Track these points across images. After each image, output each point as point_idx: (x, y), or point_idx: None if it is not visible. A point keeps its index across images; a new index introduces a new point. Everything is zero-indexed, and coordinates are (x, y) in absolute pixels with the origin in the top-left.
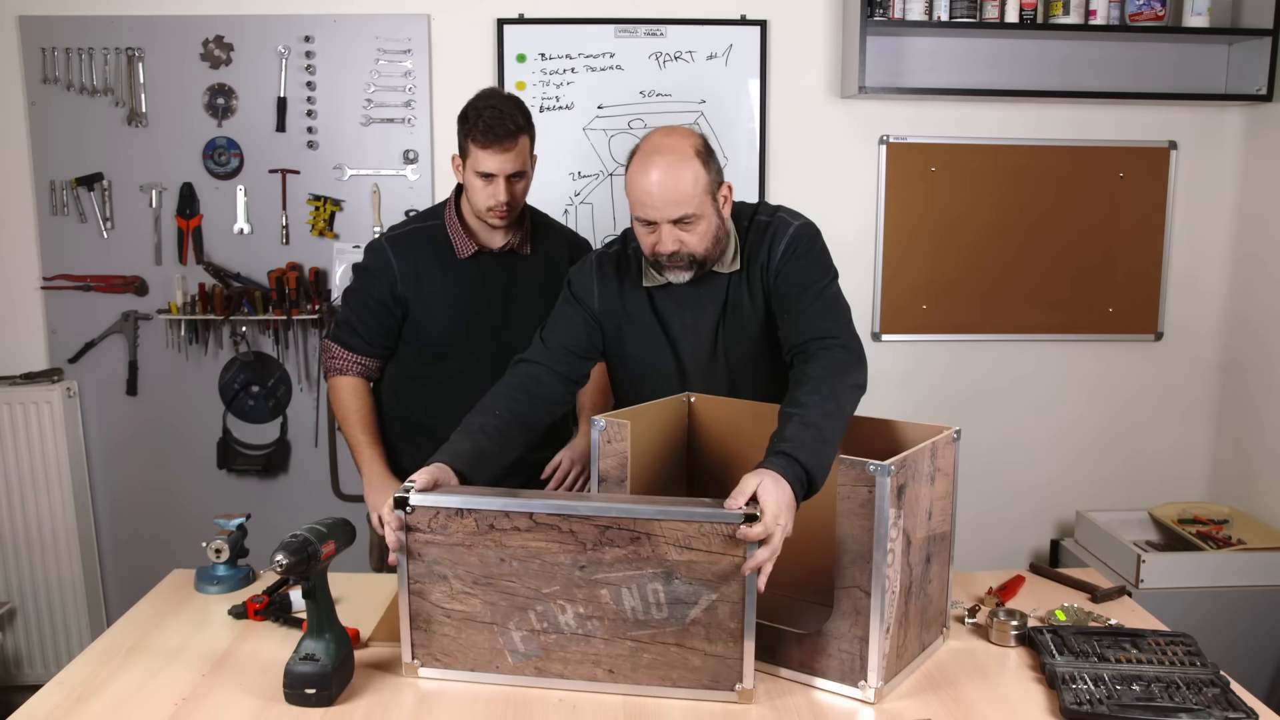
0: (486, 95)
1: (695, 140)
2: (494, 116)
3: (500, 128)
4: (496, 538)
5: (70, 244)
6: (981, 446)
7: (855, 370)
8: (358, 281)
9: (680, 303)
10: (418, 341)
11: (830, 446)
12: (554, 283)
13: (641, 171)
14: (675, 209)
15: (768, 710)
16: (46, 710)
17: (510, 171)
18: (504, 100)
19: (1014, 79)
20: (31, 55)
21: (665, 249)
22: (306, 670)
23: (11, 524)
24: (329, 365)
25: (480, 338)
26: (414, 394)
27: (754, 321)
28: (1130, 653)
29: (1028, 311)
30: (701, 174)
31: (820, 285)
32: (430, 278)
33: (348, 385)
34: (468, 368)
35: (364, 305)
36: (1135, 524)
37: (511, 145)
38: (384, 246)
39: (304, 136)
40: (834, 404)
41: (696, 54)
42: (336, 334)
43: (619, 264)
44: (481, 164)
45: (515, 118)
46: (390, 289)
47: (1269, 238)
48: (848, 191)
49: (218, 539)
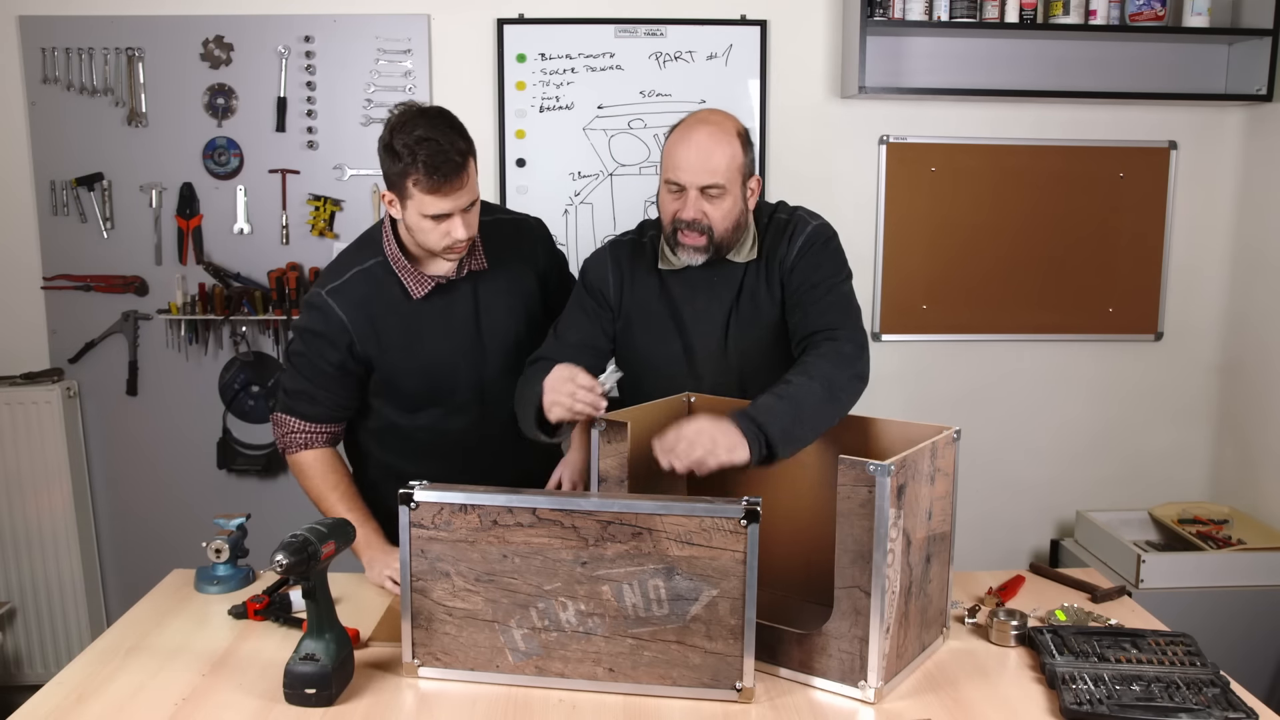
0: (412, 121)
1: (739, 125)
2: (434, 152)
3: (446, 164)
4: (499, 534)
5: (70, 244)
6: (981, 446)
7: (856, 361)
8: (305, 345)
9: (693, 289)
10: (389, 397)
11: (803, 423)
12: (520, 288)
13: (683, 136)
14: (707, 176)
15: (767, 710)
16: (46, 710)
17: (465, 205)
18: (436, 125)
19: (1014, 79)
20: (31, 55)
21: (687, 215)
22: (306, 670)
23: (11, 524)
24: (287, 442)
25: (458, 382)
26: (398, 443)
27: (768, 314)
28: (1130, 653)
29: (1028, 311)
30: (739, 153)
31: (832, 281)
32: (388, 329)
33: (315, 461)
34: (450, 414)
35: (318, 372)
36: (1135, 524)
37: (462, 181)
38: (328, 303)
39: (304, 136)
40: (818, 385)
41: (696, 54)
42: (290, 405)
43: (633, 250)
44: (431, 207)
45: (457, 145)
46: (349, 351)
47: (1269, 238)
48: (848, 191)
49: (218, 539)
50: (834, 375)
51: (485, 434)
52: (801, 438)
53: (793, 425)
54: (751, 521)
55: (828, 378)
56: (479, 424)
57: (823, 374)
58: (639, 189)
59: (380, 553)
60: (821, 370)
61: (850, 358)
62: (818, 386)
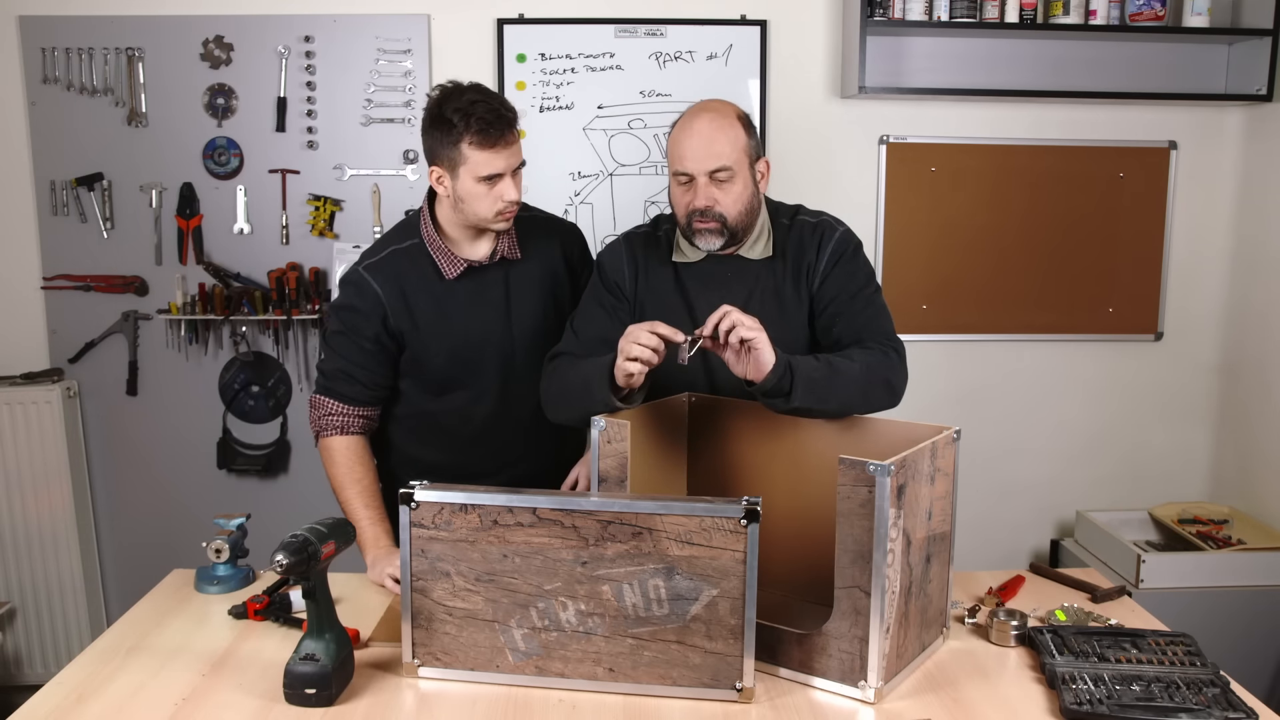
0: (462, 91)
1: (739, 110)
2: (488, 111)
3: (499, 121)
4: (500, 533)
5: (70, 244)
6: (981, 446)
7: (898, 368)
8: (343, 322)
9: (708, 283)
10: (417, 377)
11: (832, 384)
12: (552, 283)
13: (684, 126)
14: (713, 160)
15: (767, 710)
16: (46, 710)
17: (516, 165)
18: (484, 91)
19: (1014, 79)
20: (31, 55)
21: (699, 204)
22: (306, 670)
23: (11, 524)
24: (323, 425)
25: (485, 365)
26: (424, 431)
27: (795, 313)
28: (1130, 653)
29: (1028, 311)
30: (742, 136)
31: (869, 291)
32: (421, 306)
33: (346, 449)
34: (476, 398)
35: (357, 348)
36: (1135, 524)
37: (514, 137)
38: (364, 278)
39: (304, 136)
40: (858, 367)
41: (696, 54)
42: (328, 386)
43: (648, 243)
44: (484, 167)
45: (506, 104)
46: (383, 324)
47: (1269, 238)
48: (848, 191)
49: (218, 539)
50: (874, 365)
51: (508, 421)
52: (826, 395)
53: (822, 380)
54: (751, 521)
55: (867, 363)
56: (503, 410)
57: (863, 359)
58: (639, 189)
59: (384, 552)
60: (862, 357)
61: (893, 363)
62: (857, 367)
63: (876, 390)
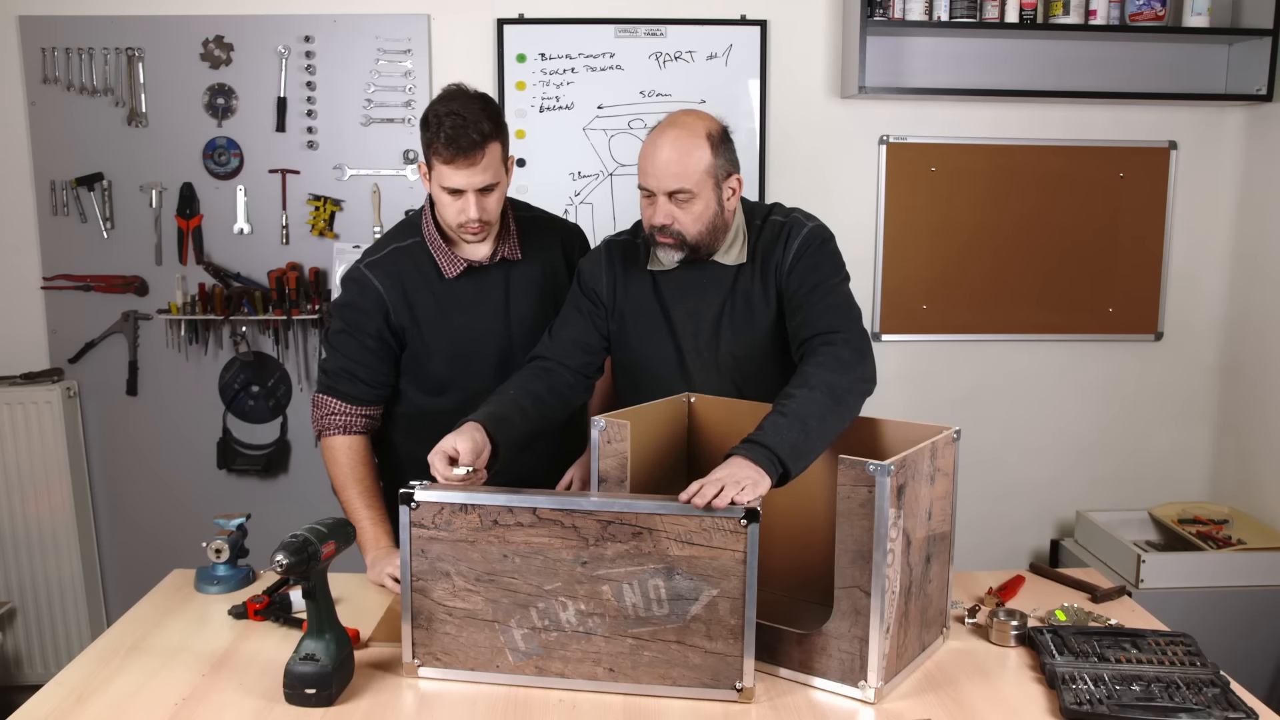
0: (449, 97)
1: (711, 125)
2: (456, 126)
3: (464, 139)
4: (500, 533)
5: (70, 244)
6: (981, 446)
7: (859, 366)
8: (345, 320)
9: (683, 290)
10: (416, 376)
11: (811, 435)
12: (552, 285)
13: (651, 141)
14: (673, 181)
15: (767, 710)
16: (46, 710)
17: (479, 186)
18: (468, 104)
19: (1014, 79)
20: (31, 55)
21: (656, 221)
22: (306, 670)
23: (11, 524)
24: (325, 424)
25: (484, 365)
26: (421, 429)
27: (763, 317)
28: (1130, 653)
29: (1028, 311)
30: (707, 156)
31: (830, 283)
32: (421, 304)
33: (348, 448)
34: (475, 398)
35: (360, 346)
36: (1135, 524)
37: (478, 157)
38: (365, 274)
39: (304, 136)
40: (821, 395)
41: (696, 54)
42: (330, 385)
43: (626, 251)
44: (447, 179)
45: (481, 125)
46: (385, 321)
47: (1269, 238)
48: (848, 191)
49: (218, 539)
50: (835, 381)
51: None
52: (812, 450)
53: (801, 440)
54: (751, 521)
55: (829, 385)
56: None
57: (823, 382)
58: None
59: (385, 552)
60: (821, 378)
61: (850, 363)
62: (820, 395)
63: (849, 399)
